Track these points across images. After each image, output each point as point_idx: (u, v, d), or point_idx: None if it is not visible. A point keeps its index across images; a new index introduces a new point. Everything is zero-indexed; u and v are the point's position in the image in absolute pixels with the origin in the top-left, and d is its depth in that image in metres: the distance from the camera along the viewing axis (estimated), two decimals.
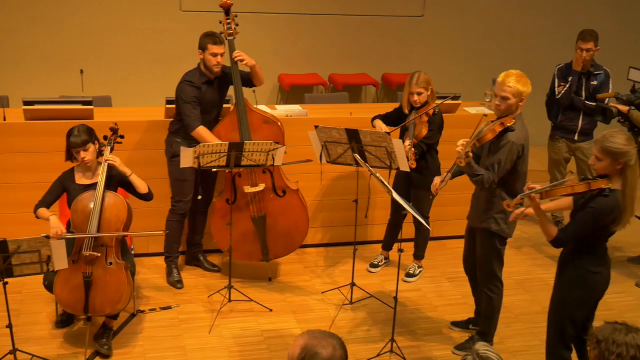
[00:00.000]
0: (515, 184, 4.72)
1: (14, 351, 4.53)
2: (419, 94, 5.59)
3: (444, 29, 9.29)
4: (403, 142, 5.32)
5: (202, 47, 5.53)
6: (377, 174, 4.79)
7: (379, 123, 5.73)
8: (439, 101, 5.71)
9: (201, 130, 5.51)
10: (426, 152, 5.66)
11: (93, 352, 4.94)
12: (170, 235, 5.87)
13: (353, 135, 5.24)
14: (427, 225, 4.79)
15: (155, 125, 6.00)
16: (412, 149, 5.43)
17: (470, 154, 4.56)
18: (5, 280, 4.27)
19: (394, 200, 6.05)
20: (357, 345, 5.17)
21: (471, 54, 9.39)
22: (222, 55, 5.53)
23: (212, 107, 5.73)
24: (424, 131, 5.60)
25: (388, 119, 5.80)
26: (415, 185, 5.73)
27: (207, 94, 5.64)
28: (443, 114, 5.73)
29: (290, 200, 5.85)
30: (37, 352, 4.81)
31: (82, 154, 4.88)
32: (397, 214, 6.11)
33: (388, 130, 5.52)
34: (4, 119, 5.83)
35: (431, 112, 5.59)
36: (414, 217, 5.58)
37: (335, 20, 8.96)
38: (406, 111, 5.70)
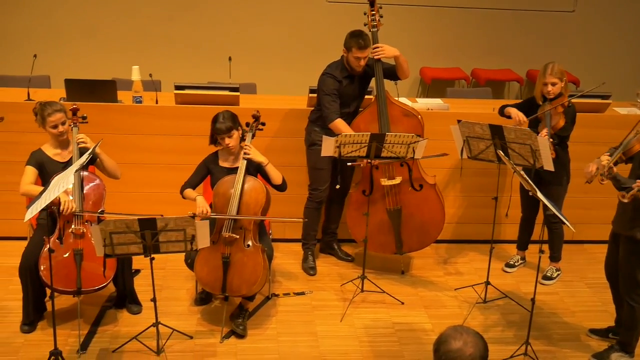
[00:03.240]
0: None
1: (156, 324, 4.73)
2: (554, 84, 5.41)
3: (596, 25, 8.91)
4: (537, 133, 5.16)
5: (347, 48, 5.51)
6: (522, 172, 4.67)
7: (514, 111, 5.53)
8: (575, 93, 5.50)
9: (338, 123, 5.54)
10: (557, 145, 5.46)
11: (229, 331, 5.10)
12: (308, 223, 5.97)
13: (497, 131, 5.13)
14: (569, 226, 4.59)
15: (296, 114, 6.10)
16: (551, 139, 5.25)
17: (615, 169, 4.36)
18: (153, 256, 4.48)
19: (523, 195, 5.90)
20: (490, 345, 5.04)
21: (624, 52, 8.97)
22: (365, 58, 5.52)
23: (352, 101, 5.75)
24: (561, 122, 5.42)
25: (518, 109, 5.64)
26: (546, 181, 5.39)
27: (347, 88, 5.66)
28: (591, 114, 5.51)
29: (427, 194, 5.80)
30: (177, 327, 5.02)
31: (227, 140, 5.05)
32: (528, 209, 5.96)
33: (526, 119, 5.42)
34: (157, 102, 6.11)
35: (566, 103, 5.42)
36: (545, 216, 5.39)
37: (480, 13, 8.80)
38: (540, 102, 5.53)
